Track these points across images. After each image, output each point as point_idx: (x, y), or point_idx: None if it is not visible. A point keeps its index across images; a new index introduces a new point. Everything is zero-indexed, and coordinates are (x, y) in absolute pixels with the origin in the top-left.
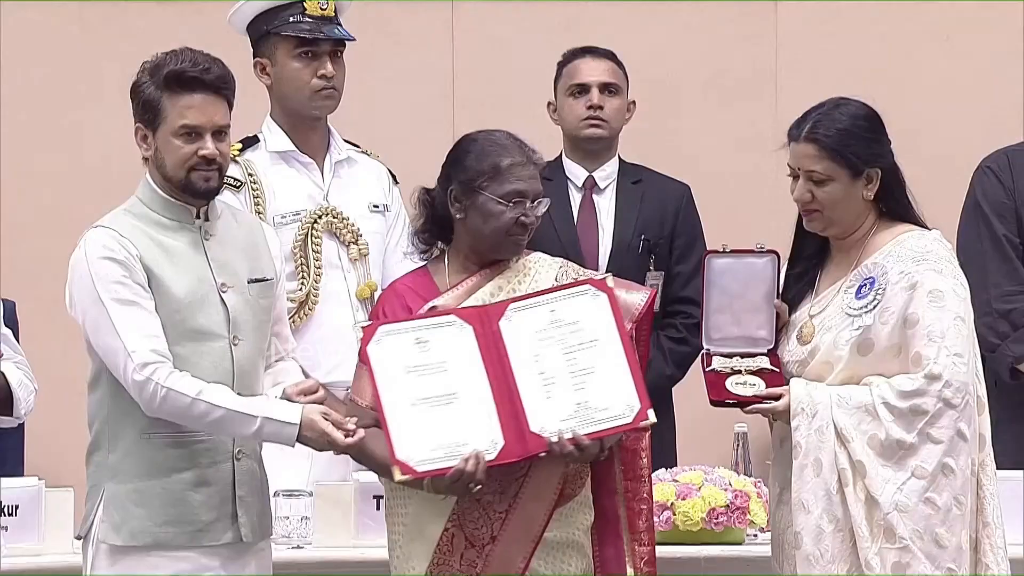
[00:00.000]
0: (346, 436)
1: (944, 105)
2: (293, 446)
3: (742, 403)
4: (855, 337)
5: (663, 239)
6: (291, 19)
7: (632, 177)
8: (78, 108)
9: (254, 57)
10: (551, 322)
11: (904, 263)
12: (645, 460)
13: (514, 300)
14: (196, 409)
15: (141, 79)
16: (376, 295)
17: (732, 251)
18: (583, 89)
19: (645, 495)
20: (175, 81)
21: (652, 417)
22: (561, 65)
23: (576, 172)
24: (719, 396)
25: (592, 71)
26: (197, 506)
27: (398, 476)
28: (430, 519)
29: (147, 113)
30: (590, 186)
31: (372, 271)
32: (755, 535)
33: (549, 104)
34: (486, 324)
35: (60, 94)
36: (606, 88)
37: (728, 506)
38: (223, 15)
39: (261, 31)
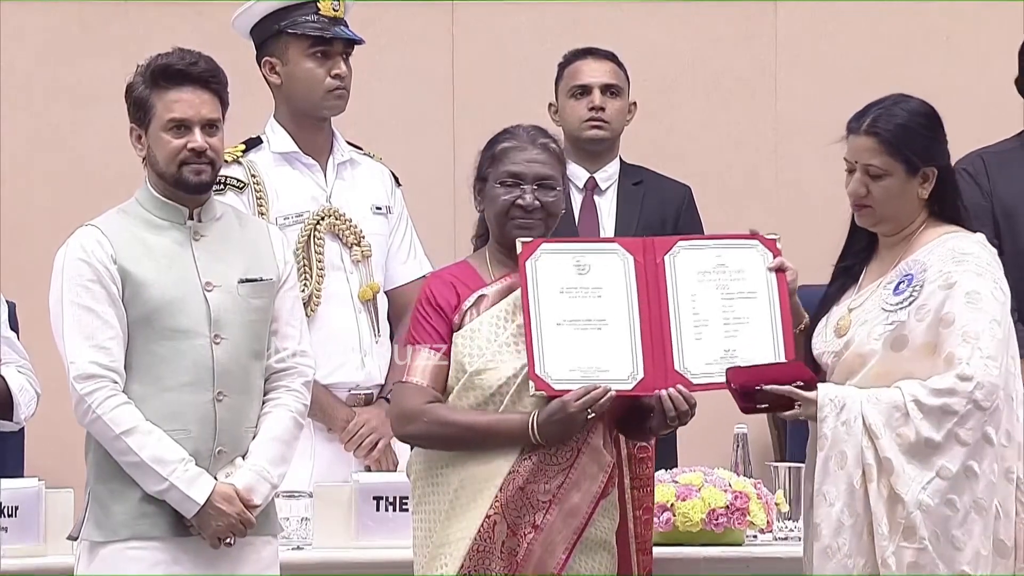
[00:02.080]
0: (224, 542)
1: (944, 105)
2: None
3: (772, 406)
4: (889, 332)
5: None
6: (304, 19)
7: (633, 178)
8: (78, 108)
9: (262, 57)
10: (716, 266)
11: (944, 262)
12: (649, 469)
13: (684, 238)
14: (117, 445)
15: (133, 80)
16: (378, 297)
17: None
18: (584, 90)
19: (648, 504)
20: (162, 76)
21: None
22: (562, 66)
23: (577, 173)
24: (749, 403)
25: (593, 72)
26: None
27: (533, 391)
28: (473, 505)
29: (138, 112)
30: (591, 187)
31: (375, 273)
32: (755, 536)
33: (550, 105)
34: (649, 256)
35: (60, 94)
36: (607, 89)
37: (728, 507)
38: (224, 16)
39: (271, 30)
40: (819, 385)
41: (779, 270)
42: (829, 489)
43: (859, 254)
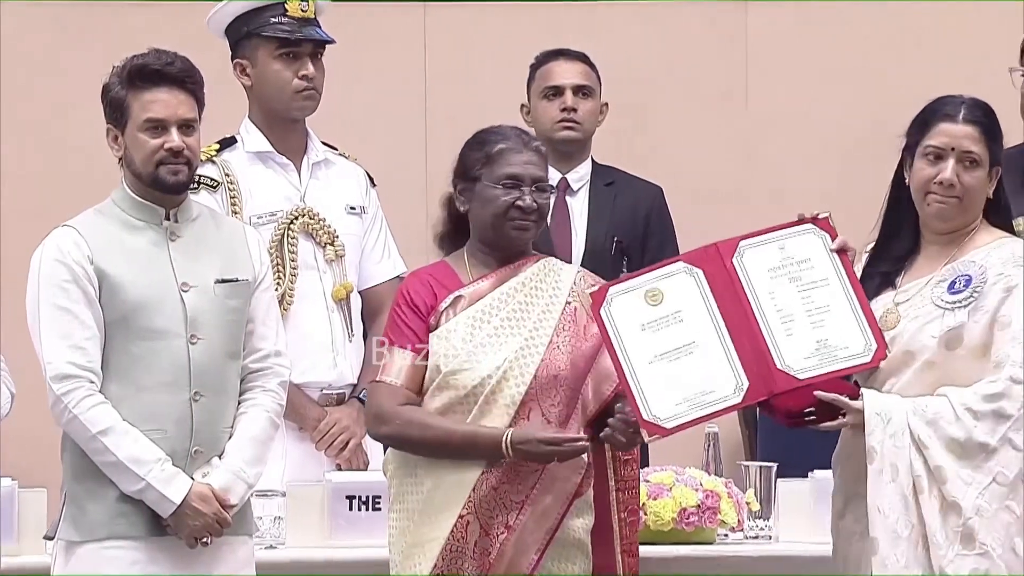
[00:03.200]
0: (200, 541)
1: (916, 106)
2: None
3: (818, 418)
4: (945, 330)
5: (636, 241)
6: (272, 20)
7: (605, 179)
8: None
9: (233, 59)
10: (783, 259)
11: (1005, 265)
12: (634, 471)
13: (744, 237)
14: (94, 445)
15: (109, 80)
16: (352, 296)
17: None
18: (556, 91)
19: (633, 506)
20: (138, 76)
21: (889, 355)
22: (534, 67)
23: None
24: (798, 420)
25: (565, 73)
26: None
27: (647, 438)
28: (446, 505)
29: (115, 112)
30: (563, 188)
31: (348, 272)
32: (726, 535)
33: (523, 106)
34: (717, 263)
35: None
36: (579, 90)
37: (699, 506)
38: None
39: (241, 32)
40: (863, 394)
41: (841, 251)
42: (883, 503)
43: (897, 261)
